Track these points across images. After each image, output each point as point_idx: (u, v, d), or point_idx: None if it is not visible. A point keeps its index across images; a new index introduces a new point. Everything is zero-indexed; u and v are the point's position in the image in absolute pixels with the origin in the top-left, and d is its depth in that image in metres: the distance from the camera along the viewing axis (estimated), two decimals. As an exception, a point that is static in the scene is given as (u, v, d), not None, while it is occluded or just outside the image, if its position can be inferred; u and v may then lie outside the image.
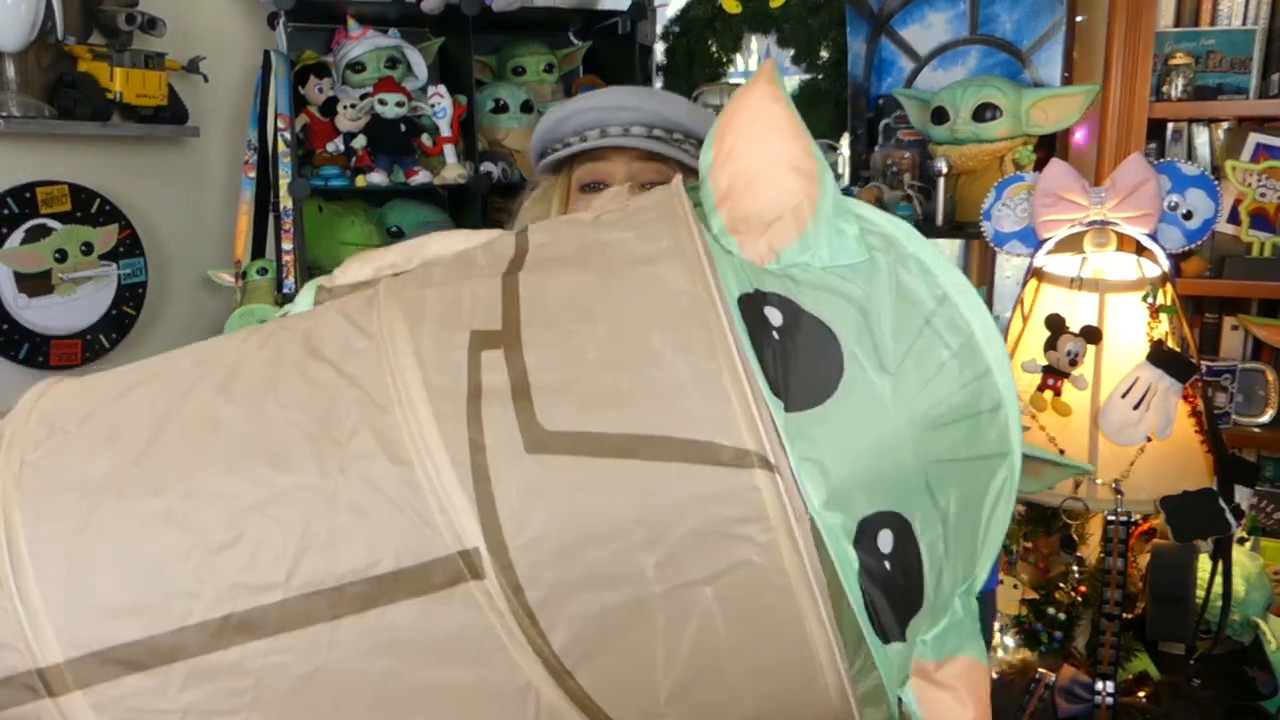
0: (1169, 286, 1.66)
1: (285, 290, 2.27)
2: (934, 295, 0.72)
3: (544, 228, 0.77)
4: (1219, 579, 1.65)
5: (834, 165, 2.59)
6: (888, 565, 0.66)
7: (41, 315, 2.11)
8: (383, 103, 2.37)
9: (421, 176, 2.42)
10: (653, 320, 0.64)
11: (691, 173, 1.23)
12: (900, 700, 0.70)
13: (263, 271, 2.31)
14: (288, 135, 2.25)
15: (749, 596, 0.61)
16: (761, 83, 0.74)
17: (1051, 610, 1.82)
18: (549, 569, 0.60)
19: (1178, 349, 1.62)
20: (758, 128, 0.73)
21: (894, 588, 0.66)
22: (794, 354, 0.65)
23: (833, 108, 2.57)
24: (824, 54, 2.61)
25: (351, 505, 0.61)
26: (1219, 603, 1.68)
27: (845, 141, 2.60)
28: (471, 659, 0.62)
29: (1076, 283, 1.68)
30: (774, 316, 0.66)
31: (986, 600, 0.92)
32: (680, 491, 0.60)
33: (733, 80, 2.79)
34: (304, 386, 0.66)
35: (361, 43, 2.43)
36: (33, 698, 0.60)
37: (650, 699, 0.62)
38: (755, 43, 2.85)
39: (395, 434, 0.62)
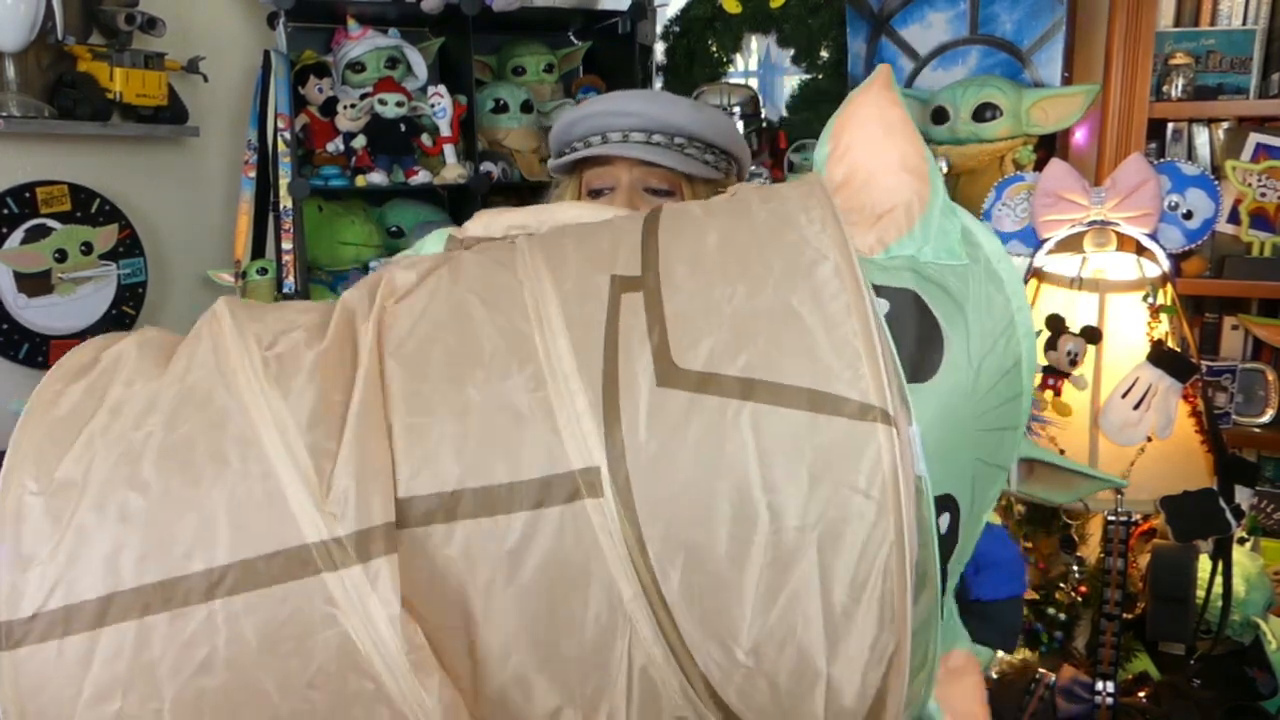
0: (1169, 286, 1.66)
1: (285, 290, 2.27)
2: (1005, 315, 0.75)
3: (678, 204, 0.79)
4: (1219, 579, 1.65)
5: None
6: (945, 545, 0.69)
7: (41, 315, 2.10)
8: (383, 103, 2.37)
9: (421, 176, 2.42)
10: (794, 279, 0.66)
11: (698, 180, 1.24)
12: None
13: (263, 271, 2.31)
14: (287, 135, 2.25)
15: (850, 547, 0.61)
16: (878, 87, 0.78)
17: (1051, 610, 1.82)
18: (664, 498, 0.62)
19: (1178, 349, 1.62)
20: (875, 128, 0.77)
21: (945, 567, 0.69)
22: (908, 331, 0.68)
23: (833, 108, 2.56)
24: (824, 54, 2.61)
25: (481, 420, 0.63)
26: (1219, 603, 1.68)
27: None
28: (571, 581, 0.62)
29: (1076, 283, 1.68)
30: (881, 306, 0.69)
31: (1011, 605, 0.94)
32: (802, 437, 0.61)
33: (733, 80, 2.79)
34: (450, 315, 0.69)
35: (361, 43, 2.43)
36: None
37: (735, 641, 0.62)
38: (755, 43, 2.85)
39: (533, 359, 0.65)
